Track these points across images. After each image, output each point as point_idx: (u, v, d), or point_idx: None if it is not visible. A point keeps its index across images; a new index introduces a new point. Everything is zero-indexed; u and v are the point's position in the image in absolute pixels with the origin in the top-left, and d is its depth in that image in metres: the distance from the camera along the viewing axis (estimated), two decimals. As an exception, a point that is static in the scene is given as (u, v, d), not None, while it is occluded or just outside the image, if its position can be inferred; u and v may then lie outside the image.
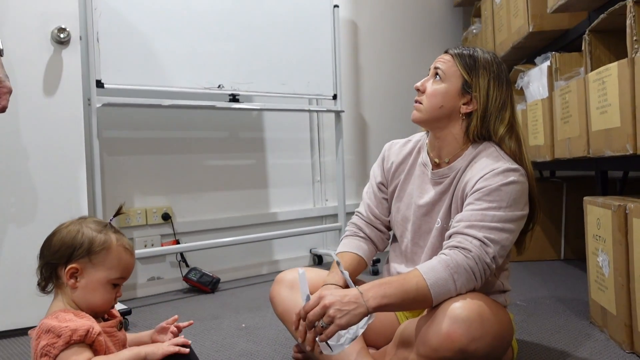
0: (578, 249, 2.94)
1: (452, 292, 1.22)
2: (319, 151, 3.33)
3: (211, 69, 2.56)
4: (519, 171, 1.32)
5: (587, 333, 1.80)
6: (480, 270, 1.24)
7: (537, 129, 2.44)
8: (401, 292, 1.19)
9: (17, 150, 2.02)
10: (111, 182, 2.58)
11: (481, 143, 1.39)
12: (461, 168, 1.38)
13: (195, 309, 2.34)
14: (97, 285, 1.14)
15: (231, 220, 2.94)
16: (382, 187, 1.57)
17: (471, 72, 1.37)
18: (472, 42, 3.68)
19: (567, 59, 2.22)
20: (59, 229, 1.17)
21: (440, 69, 1.39)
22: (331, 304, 1.15)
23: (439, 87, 1.38)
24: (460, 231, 1.27)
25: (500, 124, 1.37)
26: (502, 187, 1.28)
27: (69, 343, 1.04)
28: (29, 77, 2.03)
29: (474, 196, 1.30)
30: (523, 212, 1.32)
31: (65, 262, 1.13)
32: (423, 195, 1.44)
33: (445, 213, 1.39)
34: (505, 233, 1.27)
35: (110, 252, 1.15)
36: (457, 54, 1.40)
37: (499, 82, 1.38)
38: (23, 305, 1.97)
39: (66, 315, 1.09)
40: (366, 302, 1.17)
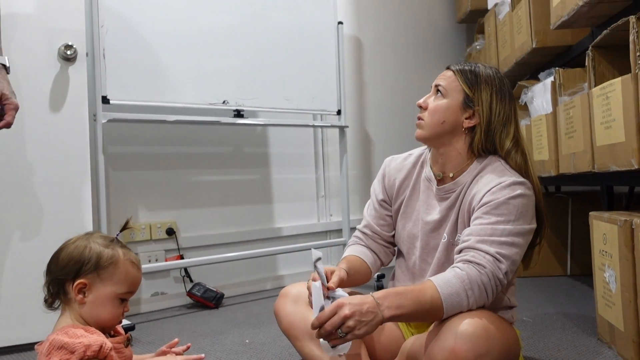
0: (584, 265, 2.92)
1: (464, 307, 1.21)
2: (324, 166, 3.33)
3: (216, 84, 2.58)
4: (526, 184, 1.32)
5: (595, 350, 1.78)
6: (493, 286, 1.23)
7: (542, 144, 2.44)
8: (416, 304, 1.18)
9: (23, 165, 2.03)
10: (116, 197, 2.59)
11: (486, 157, 1.39)
12: (467, 183, 1.38)
13: (199, 325, 2.33)
14: (105, 300, 1.14)
15: (235, 235, 2.94)
16: (385, 204, 1.55)
17: (473, 86, 1.37)
18: (475, 58, 3.70)
19: (570, 74, 2.22)
20: (66, 245, 1.17)
21: (441, 85, 1.40)
22: (352, 315, 1.12)
23: (440, 102, 1.39)
24: (472, 246, 1.26)
25: (506, 138, 1.37)
26: (509, 200, 1.28)
27: (82, 359, 1.04)
28: (36, 93, 2.05)
29: (481, 210, 1.29)
30: (531, 226, 1.31)
31: (73, 277, 1.13)
32: (430, 212, 1.43)
33: (452, 228, 1.38)
34: (515, 247, 1.27)
35: (118, 266, 1.15)
36: (459, 69, 1.40)
37: (501, 95, 1.38)
38: (28, 320, 1.96)
39: (77, 331, 1.09)
40: (382, 312, 1.15)
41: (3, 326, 1.97)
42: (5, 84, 1.54)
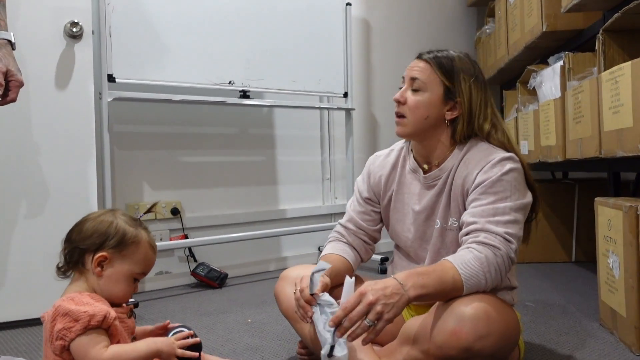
0: (589, 251, 2.90)
1: (481, 288, 1.22)
2: (329, 149, 3.32)
3: (222, 65, 2.57)
4: (513, 158, 1.33)
5: (597, 335, 1.77)
6: (507, 266, 1.26)
7: (549, 129, 2.41)
8: (439, 284, 1.18)
9: (28, 143, 2.04)
10: (121, 176, 2.59)
11: (467, 142, 1.40)
12: (453, 167, 1.39)
13: (202, 304, 2.35)
14: (121, 276, 1.17)
15: (240, 216, 2.94)
16: (369, 201, 1.56)
17: (451, 77, 1.36)
18: (485, 43, 3.66)
19: (580, 59, 2.19)
20: (90, 217, 1.20)
21: (418, 79, 1.37)
22: (377, 300, 1.09)
23: (421, 98, 1.37)
24: (481, 228, 1.26)
25: (484, 121, 1.38)
26: (502, 177, 1.29)
27: (86, 328, 1.06)
28: (41, 71, 2.05)
29: (477, 191, 1.30)
30: (527, 200, 1.33)
31: (95, 249, 1.16)
32: (419, 201, 1.44)
33: (443, 213, 1.39)
34: (519, 223, 1.29)
35: (139, 247, 1.19)
36: (433, 59, 1.37)
37: (478, 82, 1.38)
38: (32, 296, 1.98)
39: (83, 298, 1.11)
40: (407, 291, 1.13)
41: (9, 301, 2.00)
42: (11, 60, 1.53)
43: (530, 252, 3.00)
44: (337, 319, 1.11)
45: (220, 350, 1.73)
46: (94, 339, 1.06)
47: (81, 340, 1.06)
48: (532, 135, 2.69)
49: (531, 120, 2.69)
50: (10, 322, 2.02)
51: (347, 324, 1.10)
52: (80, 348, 1.06)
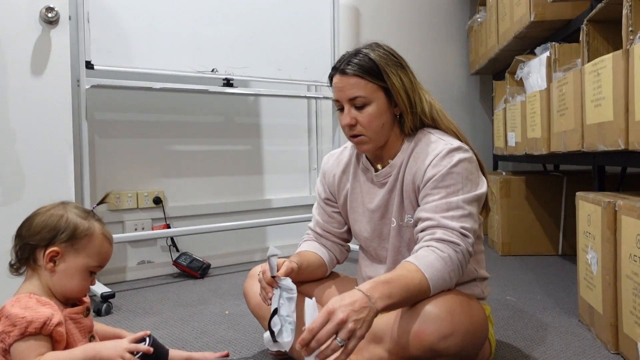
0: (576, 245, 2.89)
1: (446, 287, 1.21)
2: (316, 138, 3.28)
3: (205, 52, 2.52)
4: (462, 148, 1.30)
5: (574, 332, 1.75)
6: (466, 262, 1.24)
7: (535, 122, 2.38)
8: (406, 291, 1.13)
9: (4, 130, 2.00)
10: (103, 165, 2.56)
11: (415, 134, 1.37)
12: (402, 162, 1.36)
13: (182, 294, 2.33)
14: (75, 271, 1.14)
15: (224, 206, 2.92)
16: (329, 202, 1.54)
17: (383, 77, 1.30)
18: (476, 32, 3.61)
19: (566, 49, 2.16)
20: (39, 212, 1.16)
21: (360, 96, 1.30)
22: (347, 318, 1.02)
23: (370, 111, 1.31)
24: (437, 224, 1.24)
25: (421, 102, 1.35)
26: (451, 169, 1.27)
27: (23, 334, 1.03)
28: (16, 57, 2.00)
29: (428, 186, 1.28)
30: (481, 190, 1.30)
31: (45, 244, 1.12)
32: (373, 200, 1.41)
33: (398, 211, 1.37)
34: (474, 216, 1.27)
35: (93, 239, 1.15)
36: (358, 69, 1.30)
37: (402, 68, 1.34)
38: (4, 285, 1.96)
39: (28, 301, 1.08)
40: (374, 304, 1.07)
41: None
42: None
43: (516, 245, 2.98)
44: (304, 341, 1.03)
45: (194, 343, 1.71)
46: (31, 346, 1.03)
47: (19, 346, 1.03)
48: (519, 127, 2.66)
49: (518, 112, 2.66)
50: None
51: (314, 344, 1.02)
52: (17, 355, 1.04)
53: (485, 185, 1.32)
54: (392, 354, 1.18)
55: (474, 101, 4.03)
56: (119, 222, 2.61)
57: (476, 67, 3.68)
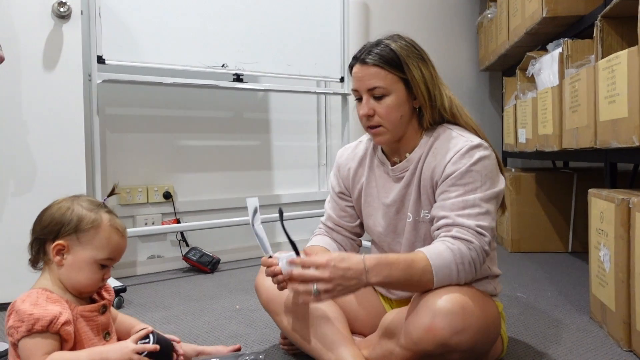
0: (586, 242, 2.85)
1: (453, 280, 1.20)
2: (326, 134, 3.28)
3: (215, 47, 2.52)
4: (482, 145, 1.29)
5: (586, 329, 1.75)
6: (480, 261, 1.23)
7: (546, 118, 2.37)
8: (406, 275, 1.17)
9: (17, 124, 2.02)
10: (113, 159, 2.57)
11: (434, 129, 1.36)
12: (420, 157, 1.35)
13: (193, 289, 2.34)
14: (83, 264, 1.13)
15: (234, 201, 2.92)
16: (343, 196, 1.53)
17: (403, 68, 1.29)
18: (486, 28, 3.59)
19: (579, 45, 2.14)
20: (51, 205, 1.16)
21: (379, 87, 1.29)
22: (331, 279, 1.12)
23: (389, 102, 1.30)
24: (452, 222, 1.24)
25: (442, 97, 1.34)
26: (471, 167, 1.26)
27: (30, 331, 1.04)
28: (29, 52, 2.02)
29: (446, 183, 1.27)
30: (500, 187, 1.29)
31: (53, 238, 1.12)
32: (388, 194, 1.40)
33: (415, 206, 1.35)
34: (491, 214, 1.26)
35: (100, 231, 1.13)
36: (379, 59, 1.29)
37: (423, 61, 1.33)
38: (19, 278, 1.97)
39: (38, 298, 1.08)
40: (368, 279, 1.14)
41: (-5, 284, 1.99)
42: None
43: (526, 242, 2.97)
44: (294, 261, 1.15)
45: (205, 337, 1.72)
46: (37, 344, 1.04)
47: (26, 343, 1.04)
48: (530, 124, 2.65)
49: (529, 108, 2.64)
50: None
51: (296, 274, 1.14)
52: (24, 352, 1.05)
53: (503, 183, 1.30)
54: (404, 348, 1.18)
55: (483, 97, 4.01)
56: (130, 217, 2.62)
57: (486, 64, 3.67)
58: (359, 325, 1.45)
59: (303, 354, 1.46)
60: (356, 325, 1.44)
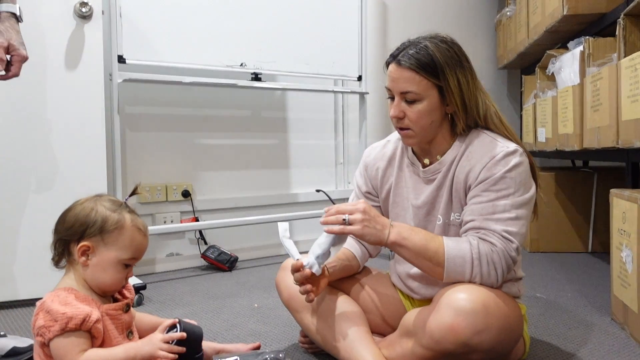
0: (606, 242, 2.82)
1: (465, 275, 1.20)
2: (343, 133, 3.28)
3: (234, 46, 2.54)
4: (518, 151, 1.28)
5: (607, 330, 1.73)
6: (504, 265, 1.22)
7: (567, 117, 2.35)
8: (421, 246, 1.21)
9: (40, 122, 2.05)
10: (133, 158, 2.60)
11: (468, 133, 1.34)
12: (453, 159, 1.33)
13: (211, 287, 2.36)
14: (107, 264, 1.14)
15: (251, 199, 2.94)
16: (370, 195, 1.51)
17: (439, 76, 1.26)
18: (505, 25, 3.56)
19: (601, 44, 2.12)
20: (73, 205, 1.17)
21: (411, 92, 1.27)
22: (366, 211, 1.20)
23: (421, 107, 1.28)
24: (478, 226, 1.24)
25: (477, 105, 1.32)
26: (506, 174, 1.24)
27: (64, 330, 1.05)
28: (51, 51, 2.05)
29: (479, 187, 1.26)
30: (532, 193, 1.28)
31: (77, 239, 1.13)
32: (419, 196, 1.39)
33: (445, 209, 1.34)
34: (521, 220, 1.25)
35: (123, 232, 1.14)
36: (415, 63, 1.26)
37: (461, 68, 1.29)
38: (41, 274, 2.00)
39: (67, 297, 1.09)
40: (390, 232, 1.21)
41: (19, 279, 2.03)
42: (14, 34, 1.48)
43: (545, 242, 2.94)
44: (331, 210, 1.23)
45: (225, 335, 1.73)
46: (71, 342, 1.05)
47: (60, 341, 1.05)
48: (550, 123, 2.62)
49: (549, 107, 2.62)
50: (19, 300, 2.05)
51: (333, 210, 1.22)
52: (58, 350, 1.06)
53: (534, 189, 1.29)
54: (425, 348, 1.18)
55: (501, 96, 3.98)
56: (149, 215, 2.64)
57: (504, 62, 3.64)
58: (379, 324, 1.45)
59: (323, 353, 1.47)
60: (377, 324, 1.45)
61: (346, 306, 1.37)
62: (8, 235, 2.02)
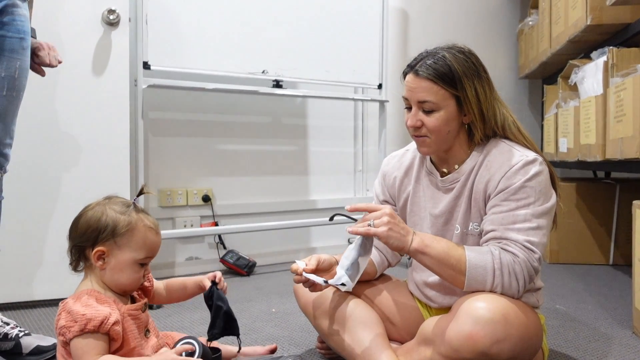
0: (628, 255, 2.80)
1: (487, 285, 1.20)
2: (362, 140, 3.29)
3: (256, 54, 2.57)
4: (537, 160, 1.27)
5: (629, 344, 1.71)
6: (526, 276, 1.21)
7: (589, 127, 2.33)
8: (443, 254, 1.21)
9: (65, 126, 2.09)
10: (154, 162, 2.64)
11: (486, 142, 1.34)
12: (472, 169, 1.33)
13: (229, 291, 2.32)
14: (124, 266, 1.17)
15: (270, 205, 2.96)
16: (387, 204, 1.51)
17: (457, 86, 1.27)
18: (527, 35, 3.55)
19: (625, 54, 2.10)
20: (84, 212, 1.19)
21: (429, 101, 1.28)
22: (391, 216, 1.20)
23: (438, 117, 1.29)
24: (500, 236, 1.23)
25: (495, 116, 1.32)
26: (526, 183, 1.24)
27: (83, 331, 1.07)
28: (79, 57, 2.10)
29: (499, 197, 1.26)
30: (552, 202, 1.27)
31: (92, 244, 1.16)
32: (437, 205, 1.39)
33: (464, 218, 1.34)
34: (542, 230, 1.24)
35: (135, 233, 1.17)
36: (433, 74, 1.26)
37: (479, 79, 1.29)
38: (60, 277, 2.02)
39: (88, 299, 1.12)
40: (413, 239, 1.21)
41: (47, 279, 2.07)
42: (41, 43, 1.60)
43: (566, 253, 2.91)
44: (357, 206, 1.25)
45: (242, 339, 1.72)
46: (89, 344, 1.07)
47: (79, 342, 1.08)
48: (572, 133, 2.60)
49: (571, 117, 2.60)
50: (43, 300, 2.09)
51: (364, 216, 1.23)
52: (77, 351, 1.08)
53: (554, 198, 1.28)
54: (443, 356, 1.18)
55: (522, 105, 3.95)
56: (169, 219, 2.68)
57: (525, 71, 3.62)
58: (396, 332, 1.45)
59: (340, 358, 1.47)
60: (394, 332, 1.45)
61: (363, 312, 1.37)
62: (32, 237, 2.06)
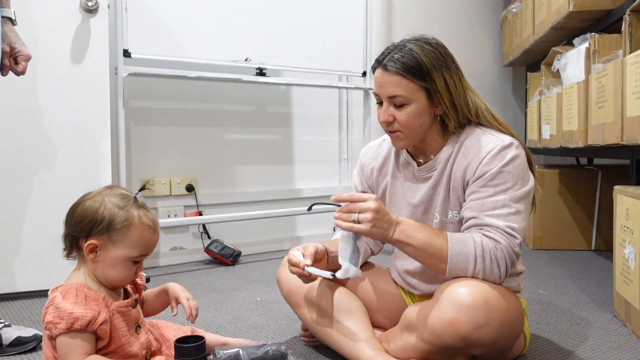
0: (610, 240, 2.82)
1: (468, 271, 1.21)
2: (347, 129, 3.29)
3: (239, 42, 2.54)
4: (514, 144, 1.28)
5: (609, 327, 1.73)
6: (508, 262, 1.22)
7: (572, 114, 2.34)
8: (423, 243, 1.21)
9: (44, 116, 2.06)
10: (137, 152, 2.61)
11: (461, 130, 1.34)
12: (449, 157, 1.33)
13: (214, 280, 2.37)
14: (116, 262, 1.13)
15: (255, 194, 2.94)
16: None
17: (426, 78, 1.26)
18: (511, 22, 3.55)
19: (606, 40, 2.11)
20: (82, 200, 1.15)
21: (399, 96, 1.27)
22: (376, 210, 1.18)
23: (410, 110, 1.28)
24: (482, 223, 1.23)
25: (467, 104, 1.32)
26: (503, 168, 1.24)
27: (69, 329, 1.05)
28: (57, 45, 2.06)
29: (477, 183, 1.26)
30: (530, 186, 1.28)
31: (85, 236, 1.12)
32: (415, 195, 1.39)
33: (442, 206, 1.34)
34: (521, 214, 1.25)
35: (131, 229, 1.12)
36: (401, 68, 1.25)
37: (448, 69, 1.28)
38: (45, 267, 2.02)
39: (78, 296, 1.09)
40: (395, 231, 1.21)
41: (21, 272, 2.04)
42: (13, 37, 1.56)
43: (548, 239, 2.94)
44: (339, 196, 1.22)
45: (227, 328, 1.74)
46: (75, 343, 1.06)
47: (65, 340, 1.06)
48: (555, 120, 2.62)
49: (554, 104, 2.61)
50: (23, 292, 2.07)
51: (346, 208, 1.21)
52: (63, 349, 1.07)
53: (532, 181, 1.29)
54: (425, 342, 1.19)
55: (506, 93, 3.97)
56: (153, 209, 2.65)
57: (509, 59, 3.63)
58: (380, 319, 1.45)
59: (324, 346, 1.47)
60: (377, 319, 1.45)
61: (346, 300, 1.37)
62: (11, 228, 2.03)
